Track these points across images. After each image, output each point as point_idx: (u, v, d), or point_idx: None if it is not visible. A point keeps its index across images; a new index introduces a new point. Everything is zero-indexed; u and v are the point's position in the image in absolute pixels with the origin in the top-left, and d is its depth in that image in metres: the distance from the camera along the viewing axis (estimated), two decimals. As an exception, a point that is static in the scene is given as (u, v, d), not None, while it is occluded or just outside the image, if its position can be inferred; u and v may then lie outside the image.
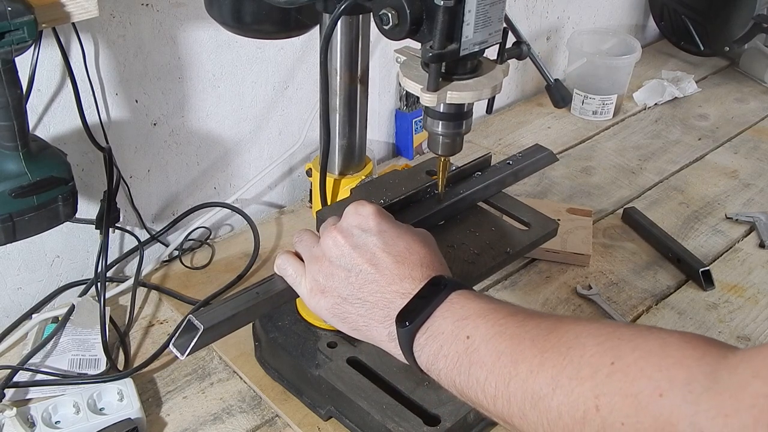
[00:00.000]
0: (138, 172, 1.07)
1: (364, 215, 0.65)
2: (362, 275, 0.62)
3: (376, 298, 0.62)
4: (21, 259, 0.99)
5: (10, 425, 0.79)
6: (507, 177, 0.86)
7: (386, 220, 0.65)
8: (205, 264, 1.11)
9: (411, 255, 0.63)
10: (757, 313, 1.06)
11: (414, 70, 0.69)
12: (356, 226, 0.64)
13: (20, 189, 0.78)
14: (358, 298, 0.62)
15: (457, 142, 0.75)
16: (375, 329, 0.62)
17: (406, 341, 0.59)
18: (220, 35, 1.05)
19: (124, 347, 0.95)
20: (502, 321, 0.56)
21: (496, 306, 0.59)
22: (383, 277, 0.62)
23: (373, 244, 0.63)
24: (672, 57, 1.84)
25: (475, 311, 0.58)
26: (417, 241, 0.64)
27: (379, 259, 0.62)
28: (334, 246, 0.64)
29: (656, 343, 0.49)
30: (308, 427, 0.85)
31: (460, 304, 0.59)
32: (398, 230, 0.65)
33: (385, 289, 0.61)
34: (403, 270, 0.62)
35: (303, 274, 0.66)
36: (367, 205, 0.66)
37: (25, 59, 0.83)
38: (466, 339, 0.57)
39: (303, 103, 1.22)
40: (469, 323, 0.57)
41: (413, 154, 1.41)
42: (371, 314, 0.62)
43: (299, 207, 1.26)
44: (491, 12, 0.65)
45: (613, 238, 1.20)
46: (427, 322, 0.59)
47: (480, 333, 0.56)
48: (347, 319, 0.63)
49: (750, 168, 1.40)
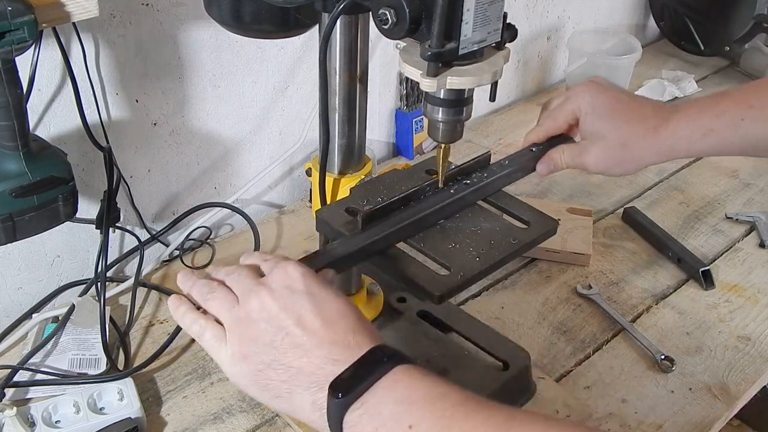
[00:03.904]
0: (138, 172, 1.07)
1: (293, 277, 0.60)
2: (288, 338, 0.57)
3: (301, 363, 0.57)
4: (21, 258, 0.99)
5: (11, 425, 0.79)
6: (515, 172, 0.87)
7: (316, 282, 0.61)
8: (205, 264, 1.11)
9: (342, 319, 0.58)
10: (757, 312, 1.06)
11: (414, 56, 0.68)
12: (285, 286, 0.60)
13: (20, 189, 0.78)
14: (281, 363, 0.57)
15: (458, 129, 0.75)
16: (298, 396, 0.57)
17: (336, 414, 0.54)
18: (221, 35, 1.05)
19: (124, 347, 0.95)
20: (449, 413, 0.52)
21: (443, 391, 0.54)
22: (311, 340, 0.57)
23: (301, 306, 0.58)
24: (672, 57, 1.84)
25: (422, 396, 0.53)
26: (348, 306, 0.60)
27: (307, 321, 0.58)
28: (261, 308, 0.59)
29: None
30: (308, 426, 0.85)
31: (405, 384, 0.54)
32: (328, 294, 0.60)
33: (312, 353, 0.57)
34: (333, 334, 0.57)
35: (224, 338, 0.60)
36: (296, 265, 0.61)
37: (25, 59, 0.83)
38: (408, 429, 0.52)
39: (303, 102, 1.22)
40: (413, 410, 0.53)
41: (413, 154, 1.41)
42: (295, 380, 0.57)
43: (299, 207, 1.26)
44: (490, 11, 0.65)
45: (613, 238, 1.20)
46: (363, 397, 0.54)
47: (424, 426, 0.52)
48: (268, 386, 0.58)
49: (750, 168, 1.40)
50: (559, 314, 1.04)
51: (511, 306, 1.05)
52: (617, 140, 0.83)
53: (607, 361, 0.97)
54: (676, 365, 0.95)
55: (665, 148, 0.83)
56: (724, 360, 0.97)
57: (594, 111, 0.85)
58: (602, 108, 0.85)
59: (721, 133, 0.81)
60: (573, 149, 0.87)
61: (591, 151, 0.85)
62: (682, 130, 0.82)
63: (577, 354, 0.98)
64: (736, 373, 0.95)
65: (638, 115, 0.84)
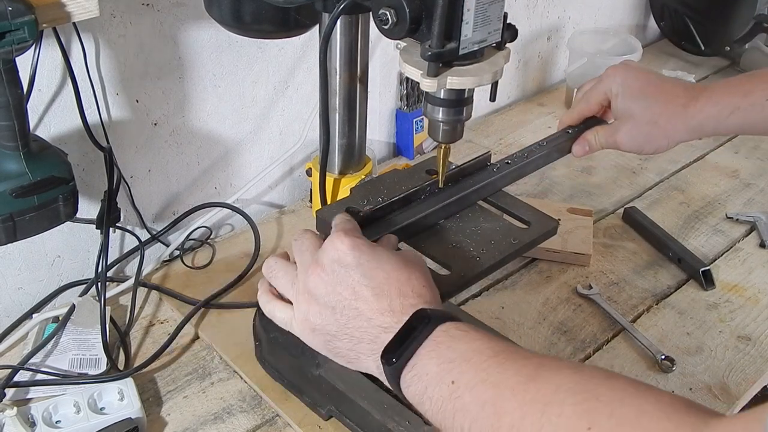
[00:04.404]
0: (139, 172, 1.07)
1: (341, 250, 0.64)
2: (346, 311, 0.62)
3: (361, 333, 0.62)
4: (22, 258, 0.99)
5: (11, 425, 0.79)
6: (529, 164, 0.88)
7: (364, 251, 0.64)
8: (205, 264, 1.11)
9: (390, 286, 0.62)
10: (757, 312, 1.06)
11: (414, 56, 0.68)
12: (335, 261, 0.64)
13: (21, 189, 0.78)
14: (345, 334, 0.63)
15: (458, 129, 0.75)
16: (365, 361, 0.63)
17: (392, 379, 0.60)
18: (221, 35, 1.05)
19: (125, 347, 0.95)
20: (485, 365, 0.56)
21: (478, 346, 0.58)
22: (366, 311, 0.62)
23: (354, 280, 0.63)
24: (673, 57, 1.84)
25: (459, 353, 0.58)
26: (397, 268, 0.64)
27: (360, 295, 0.62)
28: (320, 283, 0.64)
29: (632, 410, 0.49)
30: (309, 426, 0.85)
31: (446, 345, 0.59)
32: (377, 260, 0.64)
33: (368, 324, 0.62)
34: (382, 303, 0.62)
35: (292, 315, 0.67)
36: (343, 238, 0.65)
37: (25, 59, 0.83)
38: (451, 384, 0.56)
39: (303, 102, 1.22)
40: (453, 368, 0.57)
41: (414, 154, 1.41)
42: (360, 348, 0.62)
43: (300, 207, 1.26)
44: (490, 11, 0.65)
45: (613, 238, 1.20)
46: (412, 361, 0.59)
47: (464, 380, 0.56)
48: (339, 353, 0.64)
49: (750, 168, 1.40)
50: (560, 314, 1.04)
51: (511, 306, 1.05)
52: (648, 118, 0.87)
53: (607, 361, 0.97)
54: (676, 365, 0.95)
55: (695, 125, 0.87)
56: (724, 360, 0.97)
57: (625, 91, 0.88)
58: (633, 88, 0.88)
59: (747, 112, 0.84)
60: (607, 130, 0.90)
61: (623, 129, 0.88)
62: (710, 108, 0.85)
63: (577, 354, 0.98)
64: (737, 373, 0.95)
65: (668, 94, 0.87)
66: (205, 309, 1.01)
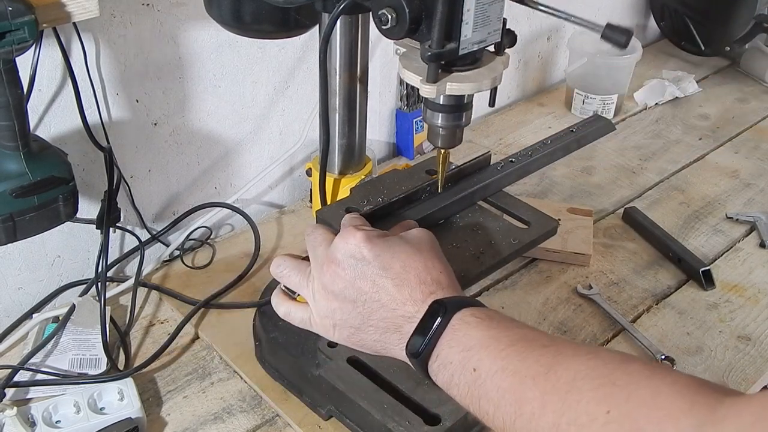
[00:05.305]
0: (139, 172, 1.07)
1: (355, 244, 0.64)
2: (368, 304, 0.63)
3: (386, 324, 0.63)
4: (22, 258, 0.99)
5: (11, 425, 0.79)
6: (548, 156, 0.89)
7: (377, 243, 0.64)
8: (205, 264, 1.11)
9: (408, 274, 0.63)
10: (757, 312, 1.06)
11: (414, 61, 0.68)
12: (351, 256, 0.64)
13: (21, 189, 0.78)
14: (369, 326, 0.63)
15: (457, 134, 0.75)
16: (393, 351, 0.64)
17: (421, 369, 0.61)
18: (221, 35, 1.05)
19: (125, 347, 0.95)
20: (504, 354, 0.57)
21: (497, 333, 0.59)
22: (388, 304, 0.62)
23: (373, 272, 0.63)
24: (673, 57, 1.83)
25: (478, 341, 0.59)
26: (412, 254, 0.64)
27: (380, 286, 0.63)
28: (337, 279, 0.64)
29: (648, 392, 0.50)
30: (309, 426, 0.85)
31: (463, 332, 0.60)
32: (392, 250, 0.64)
33: (392, 315, 0.62)
34: (403, 293, 0.62)
35: (310, 313, 0.67)
36: (354, 232, 0.64)
37: (25, 59, 0.83)
38: (473, 371, 0.58)
39: (303, 102, 1.22)
40: (473, 355, 0.58)
41: (414, 154, 1.41)
42: (386, 338, 0.63)
43: (300, 207, 1.26)
44: (490, 11, 0.65)
45: (613, 238, 1.20)
46: (435, 351, 0.60)
47: (484, 367, 0.57)
48: (365, 345, 0.65)
49: (750, 168, 1.40)
50: (560, 314, 1.04)
51: (511, 306, 1.05)
52: None
53: (607, 361, 0.97)
54: (676, 365, 0.95)
55: None
56: (724, 360, 0.97)
57: None
58: None
59: None
60: None
61: None
62: None
63: (577, 354, 0.98)
64: (737, 373, 0.95)
65: None
66: (205, 309, 1.01)
